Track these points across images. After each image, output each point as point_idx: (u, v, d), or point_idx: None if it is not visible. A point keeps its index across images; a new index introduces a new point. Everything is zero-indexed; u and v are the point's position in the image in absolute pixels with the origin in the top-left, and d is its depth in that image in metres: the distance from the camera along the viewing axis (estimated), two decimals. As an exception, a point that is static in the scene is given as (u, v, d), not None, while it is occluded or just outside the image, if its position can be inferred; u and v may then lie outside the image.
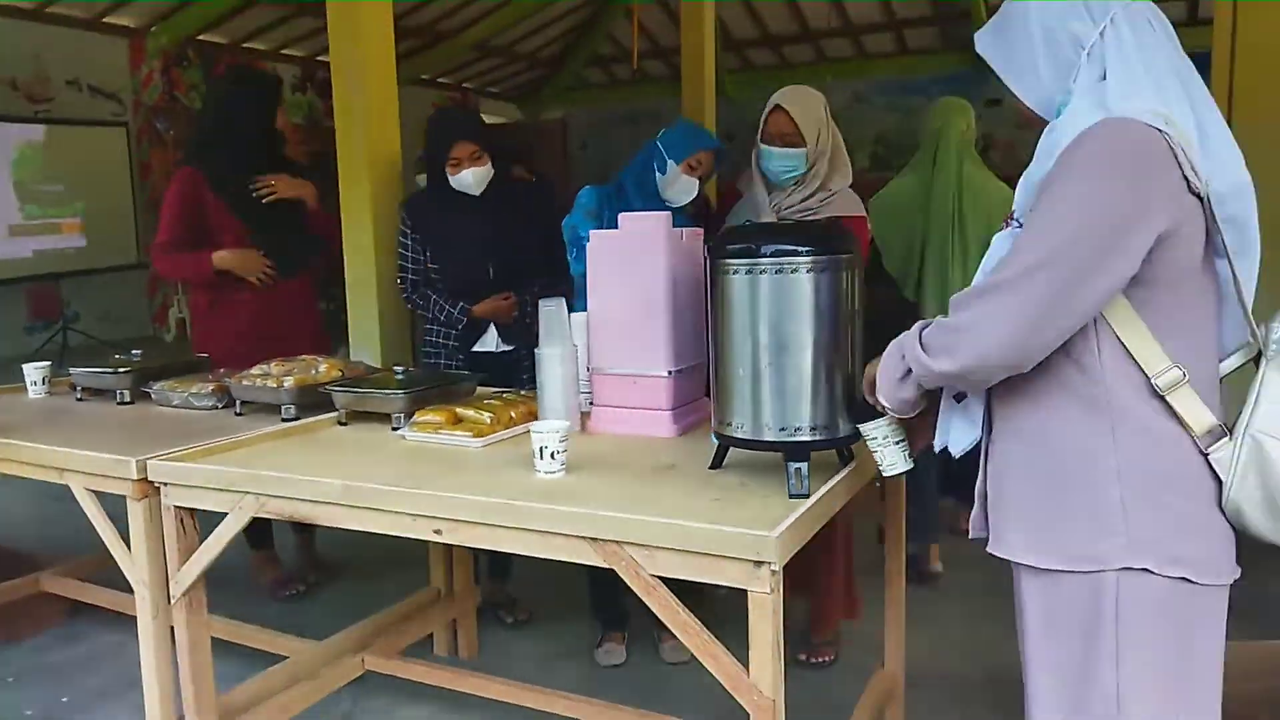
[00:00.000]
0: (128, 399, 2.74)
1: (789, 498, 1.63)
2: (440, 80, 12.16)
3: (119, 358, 2.89)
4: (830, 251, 1.64)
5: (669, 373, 2.08)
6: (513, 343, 3.14)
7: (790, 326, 1.63)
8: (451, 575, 2.98)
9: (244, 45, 9.97)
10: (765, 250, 1.63)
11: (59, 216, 8.48)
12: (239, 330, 3.25)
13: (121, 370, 2.76)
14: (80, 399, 2.84)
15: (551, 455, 1.82)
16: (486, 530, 1.69)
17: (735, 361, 1.68)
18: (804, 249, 1.62)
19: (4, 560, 3.46)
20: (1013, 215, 1.46)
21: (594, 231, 2.21)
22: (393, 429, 2.27)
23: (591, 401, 2.21)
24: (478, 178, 3.00)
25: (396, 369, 2.47)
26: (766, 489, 1.69)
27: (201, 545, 2.06)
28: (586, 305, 2.17)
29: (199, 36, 9.45)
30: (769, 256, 1.62)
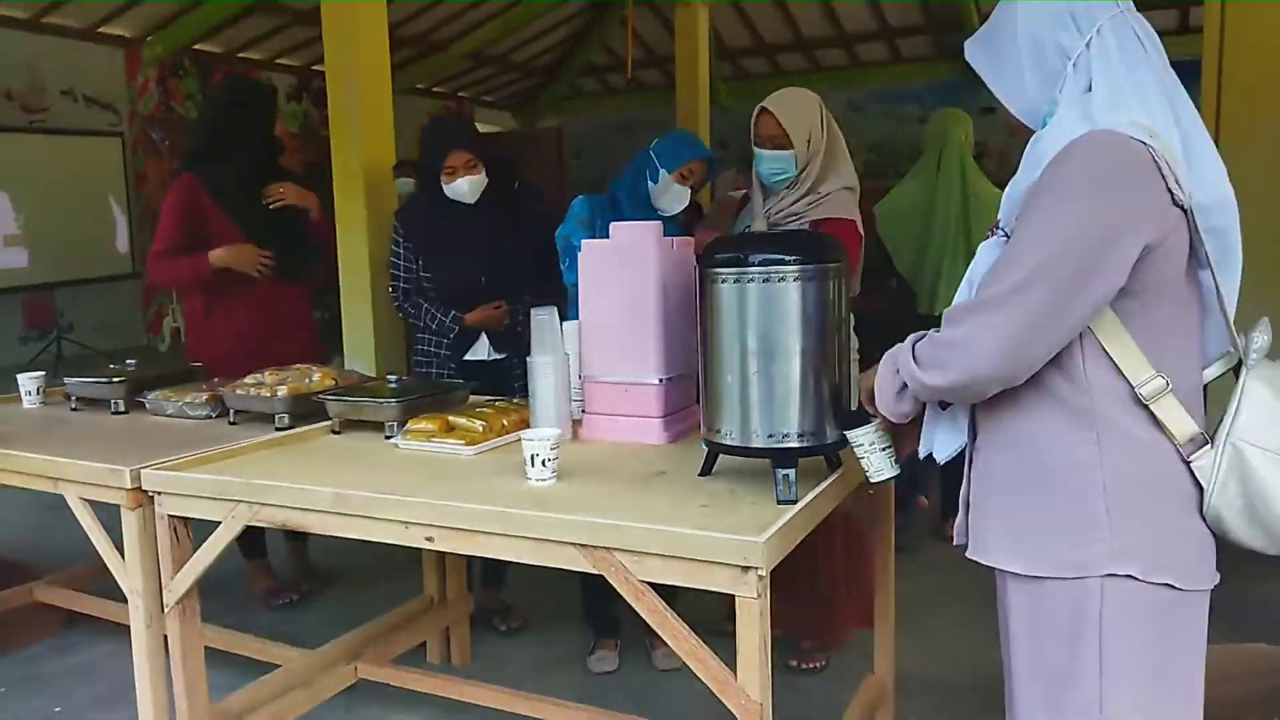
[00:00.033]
0: (122, 409, 2.74)
1: (777, 503, 1.64)
2: (435, 89, 12.20)
3: (113, 367, 2.90)
4: (817, 260, 1.65)
5: (660, 380, 2.10)
6: (504, 351, 3.15)
7: (778, 334, 1.64)
8: (444, 583, 2.99)
9: (239, 55, 9.99)
10: (753, 259, 1.65)
11: (54, 227, 8.49)
12: (238, 331, 3.25)
13: (116, 380, 2.76)
14: (75, 409, 2.85)
15: (543, 463, 1.84)
16: (478, 537, 1.71)
17: (724, 369, 1.69)
18: (791, 258, 1.64)
19: (-2, 570, 3.46)
20: (999, 225, 1.48)
21: (585, 241, 2.23)
22: (386, 438, 2.28)
23: (583, 409, 2.22)
24: (472, 186, 3.01)
25: (390, 378, 2.48)
26: (755, 495, 1.71)
27: (195, 554, 2.07)
28: (579, 314, 2.19)
29: (195, 46, 9.46)
30: (756, 265, 1.64)
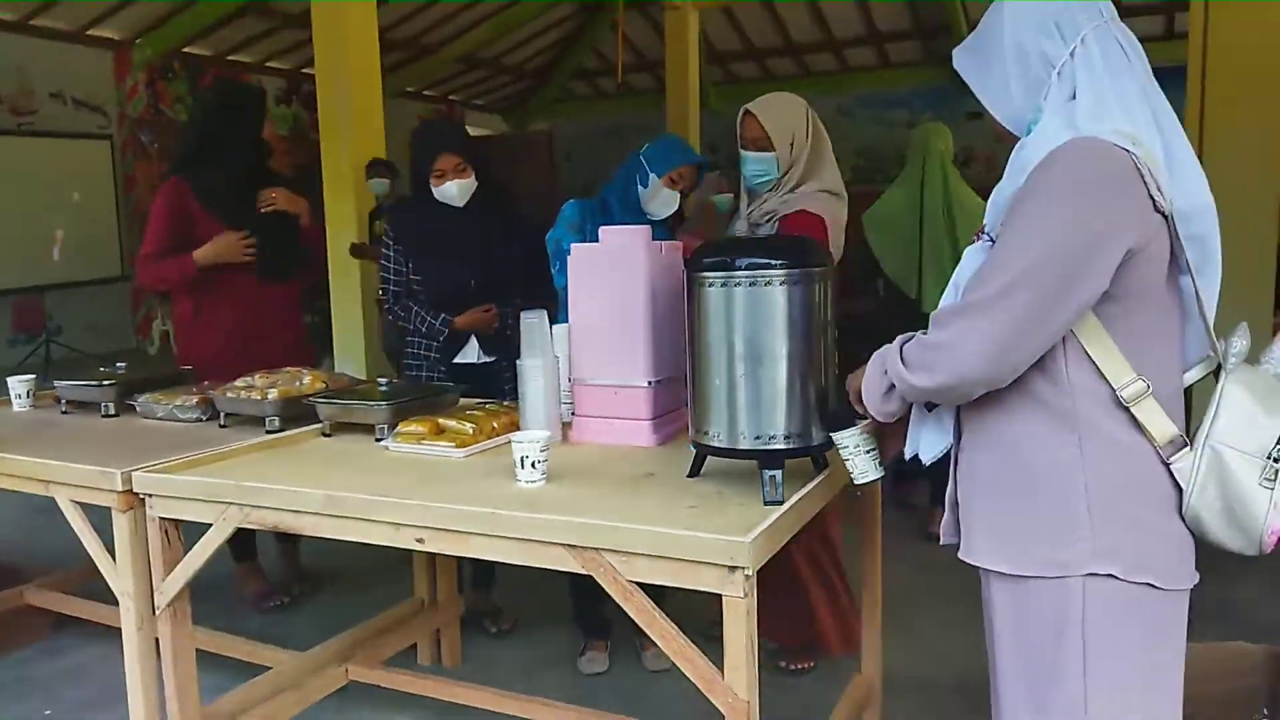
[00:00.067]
0: (112, 411, 2.75)
1: (764, 504, 1.66)
2: (426, 93, 12.22)
3: (103, 370, 2.89)
4: (802, 265, 1.67)
5: (649, 383, 2.11)
6: (494, 354, 3.15)
7: (764, 337, 1.66)
8: (435, 585, 3.00)
9: (229, 58, 9.98)
10: (739, 263, 1.67)
11: (42, 229, 8.47)
12: (225, 329, 3.25)
13: (106, 383, 2.76)
14: (65, 412, 2.85)
15: (533, 465, 1.85)
16: (469, 539, 1.72)
17: (712, 371, 1.71)
18: (777, 262, 1.66)
19: (-12, 573, 3.46)
20: (984, 229, 1.50)
21: (575, 245, 2.25)
22: (376, 440, 2.29)
23: (573, 412, 2.24)
24: (462, 190, 3.02)
25: (380, 381, 2.49)
26: (742, 496, 1.73)
27: (186, 557, 2.08)
28: (568, 317, 2.20)
29: (184, 49, 9.45)
30: (743, 269, 1.66)
